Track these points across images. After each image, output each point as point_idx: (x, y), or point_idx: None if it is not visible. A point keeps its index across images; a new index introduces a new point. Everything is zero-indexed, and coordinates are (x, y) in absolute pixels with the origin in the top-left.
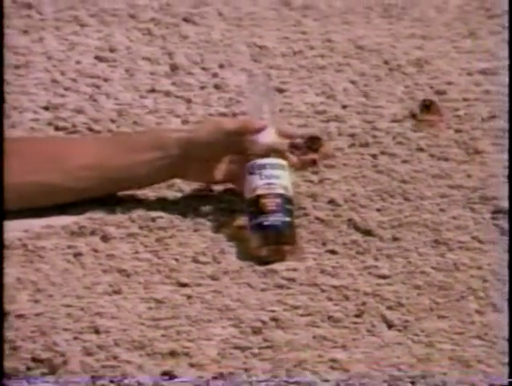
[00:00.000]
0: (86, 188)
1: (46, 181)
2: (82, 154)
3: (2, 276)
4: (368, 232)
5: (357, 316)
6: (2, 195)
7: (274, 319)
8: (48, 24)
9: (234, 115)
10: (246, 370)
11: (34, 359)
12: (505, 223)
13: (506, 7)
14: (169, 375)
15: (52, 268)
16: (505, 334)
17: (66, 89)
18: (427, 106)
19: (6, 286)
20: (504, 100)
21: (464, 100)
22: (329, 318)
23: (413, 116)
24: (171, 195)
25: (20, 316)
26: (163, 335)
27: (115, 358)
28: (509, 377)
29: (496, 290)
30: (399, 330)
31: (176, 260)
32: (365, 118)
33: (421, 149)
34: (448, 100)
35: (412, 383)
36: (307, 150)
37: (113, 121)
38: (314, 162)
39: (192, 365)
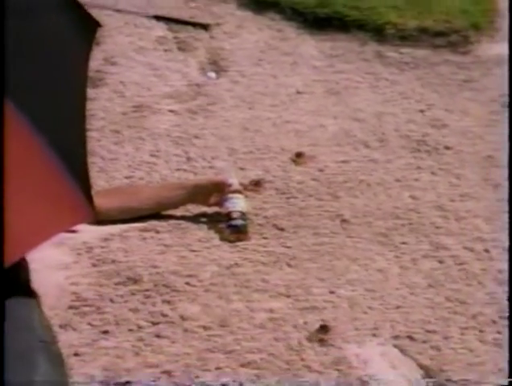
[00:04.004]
0: (148, 209)
1: (129, 205)
2: (146, 192)
3: (2, 279)
4: (282, 229)
5: (274, 263)
6: (1, 200)
7: (235, 263)
8: (126, 143)
9: None
10: (222, 283)
11: (128, 278)
12: (347, 227)
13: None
14: (187, 284)
15: (131, 244)
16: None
17: (135, 169)
18: (299, 155)
19: (114, 252)
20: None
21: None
22: (262, 263)
23: (293, 160)
24: (187, 213)
25: (119, 262)
26: (183, 269)
27: (163, 277)
28: (509, 377)
29: (347, 250)
30: (293, 268)
31: (190, 240)
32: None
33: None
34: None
35: None
36: (253, 187)
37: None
38: (257, 192)
39: (198, 281)
